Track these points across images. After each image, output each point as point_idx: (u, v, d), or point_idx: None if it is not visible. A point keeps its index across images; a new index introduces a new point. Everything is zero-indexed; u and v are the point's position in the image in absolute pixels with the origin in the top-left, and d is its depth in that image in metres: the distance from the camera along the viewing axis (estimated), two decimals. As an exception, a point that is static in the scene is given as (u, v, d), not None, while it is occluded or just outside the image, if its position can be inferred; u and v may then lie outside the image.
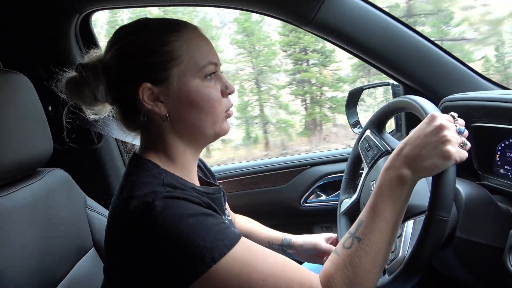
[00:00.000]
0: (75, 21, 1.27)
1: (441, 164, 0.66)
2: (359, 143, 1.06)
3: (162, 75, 0.71)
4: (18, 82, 0.89)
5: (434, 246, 0.67)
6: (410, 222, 0.81)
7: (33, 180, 0.91)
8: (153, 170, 0.71)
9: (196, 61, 0.73)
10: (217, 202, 0.81)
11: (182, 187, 0.70)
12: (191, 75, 0.72)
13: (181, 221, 0.61)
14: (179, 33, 0.73)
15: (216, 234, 0.62)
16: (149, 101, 0.72)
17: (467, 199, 0.81)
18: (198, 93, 0.73)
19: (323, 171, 1.61)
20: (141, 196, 0.64)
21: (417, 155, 0.67)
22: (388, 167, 0.69)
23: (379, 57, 1.26)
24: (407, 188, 0.67)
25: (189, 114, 0.73)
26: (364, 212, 0.69)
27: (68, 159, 1.10)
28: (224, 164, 1.74)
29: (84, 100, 0.78)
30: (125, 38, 0.74)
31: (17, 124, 0.84)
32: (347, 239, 0.67)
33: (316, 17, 1.18)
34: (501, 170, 0.98)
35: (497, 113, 0.94)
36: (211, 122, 0.75)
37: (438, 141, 0.66)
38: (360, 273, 0.63)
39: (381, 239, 0.65)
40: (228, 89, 0.77)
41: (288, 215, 1.62)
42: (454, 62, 1.24)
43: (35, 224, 0.84)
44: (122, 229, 0.66)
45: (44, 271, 0.82)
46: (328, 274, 0.65)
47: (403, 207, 0.68)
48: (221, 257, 0.61)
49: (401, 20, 1.23)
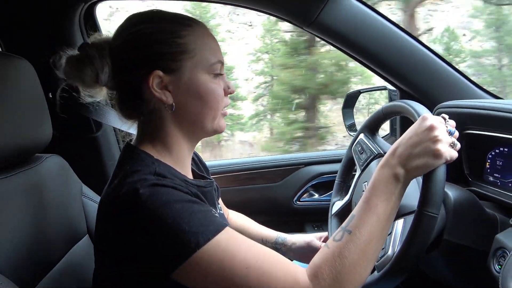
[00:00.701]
0: (79, 9, 1.28)
1: (433, 163, 0.68)
2: (353, 147, 1.08)
3: (174, 65, 0.73)
4: (20, 66, 0.89)
5: (423, 242, 0.68)
6: (400, 221, 0.83)
7: (30, 165, 0.91)
8: (146, 159, 0.72)
9: (207, 57, 0.75)
10: (208, 195, 0.82)
11: (172, 177, 0.71)
12: (201, 69, 0.75)
13: (167, 206, 0.62)
14: (192, 28, 0.75)
15: (201, 220, 0.63)
16: (157, 89, 0.73)
17: (456, 202, 0.83)
18: (206, 88, 0.75)
19: (317, 171, 1.63)
20: (130, 183, 0.65)
21: (409, 154, 0.69)
22: (383, 165, 0.71)
23: (378, 61, 1.28)
24: (400, 186, 0.69)
25: (194, 106, 0.75)
26: (357, 207, 0.70)
27: (66, 146, 1.11)
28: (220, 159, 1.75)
29: (83, 80, 0.76)
30: (141, 24, 0.74)
31: (17, 108, 0.85)
32: (338, 232, 0.68)
33: (317, 19, 1.20)
34: (490, 177, 1.00)
35: (489, 122, 0.96)
36: (212, 117, 0.77)
37: (429, 140, 0.68)
38: (348, 265, 0.63)
39: (371, 233, 0.66)
40: (230, 88, 0.80)
41: (281, 213, 1.63)
42: (451, 70, 1.26)
43: (31, 209, 0.85)
44: (110, 214, 0.67)
45: (38, 256, 0.83)
46: (315, 265, 0.65)
47: (395, 204, 0.69)
48: (205, 243, 0.61)
49: (401, 27, 1.25)
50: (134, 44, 0.73)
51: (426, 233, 0.68)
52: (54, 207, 0.92)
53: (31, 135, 0.89)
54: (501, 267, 0.77)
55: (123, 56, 0.74)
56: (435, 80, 1.26)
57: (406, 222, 0.82)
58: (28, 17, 1.23)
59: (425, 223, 0.68)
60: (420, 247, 0.69)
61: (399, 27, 1.24)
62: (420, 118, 0.72)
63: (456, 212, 0.82)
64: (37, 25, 1.24)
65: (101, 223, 0.70)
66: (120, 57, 0.75)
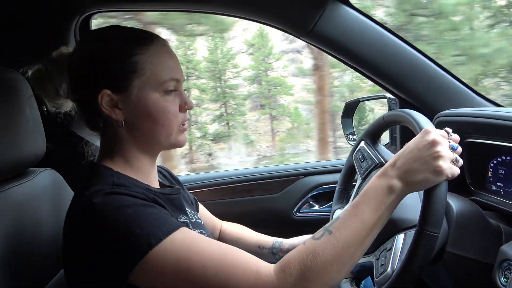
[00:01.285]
0: (75, 22, 1.27)
1: (433, 179, 0.67)
2: (354, 154, 1.06)
3: (122, 84, 0.74)
4: (14, 80, 0.88)
5: (423, 261, 0.67)
6: (400, 236, 0.81)
7: (24, 179, 0.90)
8: (105, 173, 0.74)
9: (158, 76, 0.75)
10: (175, 202, 0.83)
11: (132, 186, 0.72)
12: (151, 88, 0.75)
13: (119, 212, 0.63)
14: (147, 47, 0.76)
15: (153, 222, 0.64)
16: (107, 106, 0.74)
17: (458, 214, 0.81)
18: (155, 106, 0.75)
19: (317, 181, 1.61)
20: (86, 196, 0.66)
21: (409, 169, 0.67)
22: (380, 175, 0.70)
23: (376, 70, 1.27)
24: (393, 198, 0.67)
25: (145, 125, 0.76)
26: (344, 210, 0.69)
27: (60, 160, 1.10)
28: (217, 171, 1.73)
29: (46, 93, 0.81)
30: (95, 42, 0.77)
31: (11, 122, 0.84)
32: (319, 231, 0.67)
33: (314, 28, 1.20)
34: (493, 186, 0.99)
35: (491, 130, 0.95)
36: (166, 134, 0.78)
37: (430, 156, 0.67)
38: (319, 263, 0.61)
39: (352, 237, 0.64)
40: (186, 105, 0.80)
41: (281, 224, 1.61)
42: (450, 78, 1.25)
43: (25, 223, 0.84)
44: (69, 227, 0.69)
45: (33, 270, 0.82)
46: (286, 260, 0.64)
47: (384, 214, 0.67)
48: (157, 243, 0.61)
49: (399, 35, 1.24)
50: (87, 62, 0.76)
51: (427, 253, 0.66)
52: (48, 221, 0.91)
53: (24, 149, 0.88)
54: (507, 280, 0.75)
55: (77, 72, 0.77)
56: (435, 88, 1.25)
57: (406, 237, 0.81)
58: (23, 30, 1.23)
59: (426, 242, 0.66)
60: (420, 266, 0.67)
61: (396, 35, 1.24)
62: (422, 132, 0.70)
63: (459, 224, 0.81)
64: (32, 37, 1.24)
65: (64, 238, 0.71)
66: (75, 73, 0.77)
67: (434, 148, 0.67)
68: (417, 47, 1.25)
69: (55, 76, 0.79)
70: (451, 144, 0.70)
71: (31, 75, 0.81)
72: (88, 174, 0.75)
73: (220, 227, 1.16)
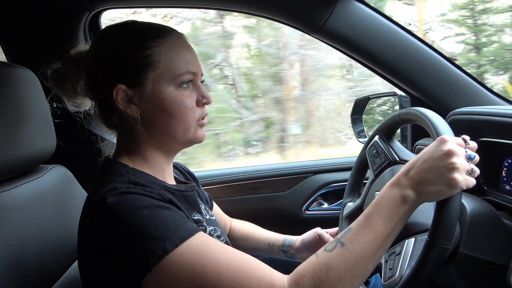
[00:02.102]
0: (84, 19, 1.28)
1: (447, 192, 0.64)
2: (367, 148, 1.05)
3: (137, 79, 0.73)
4: (25, 77, 0.89)
5: (431, 271, 0.65)
6: (411, 240, 0.80)
7: (34, 176, 0.91)
8: (121, 169, 0.73)
9: (173, 68, 0.74)
10: (190, 199, 0.83)
11: (149, 184, 0.71)
12: (165, 81, 0.74)
13: (134, 213, 0.62)
14: (162, 39, 0.75)
15: (169, 225, 0.62)
16: (122, 102, 0.74)
17: (472, 214, 0.80)
18: (171, 100, 0.74)
19: (326, 179, 1.60)
20: (101, 193, 0.65)
21: (423, 179, 0.65)
22: (392, 184, 0.68)
23: (387, 67, 1.25)
24: (407, 209, 0.65)
25: (161, 119, 0.75)
26: (356, 221, 0.67)
27: (71, 156, 1.10)
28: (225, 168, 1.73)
29: (64, 92, 0.81)
30: (108, 38, 0.76)
31: (22, 119, 0.85)
32: (331, 243, 0.65)
33: (325, 25, 1.18)
34: (507, 186, 0.97)
35: (505, 129, 0.93)
36: (183, 129, 0.76)
37: (445, 167, 0.64)
38: (333, 277, 0.60)
39: (365, 250, 0.63)
40: (204, 99, 0.78)
41: (289, 223, 1.60)
42: (463, 75, 1.23)
43: (35, 220, 0.84)
44: (83, 225, 0.68)
45: (42, 268, 0.82)
46: (298, 272, 0.62)
47: (397, 225, 0.65)
48: (173, 249, 0.60)
49: (410, 31, 1.22)
50: (101, 59, 0.76)
51: (436, 263, 0.65)
52: (58, 218, 0.92)
53: (34, 146, 0.88)
54: (521, 282, 0.73)
55: (93, 69, 0.77)
56: (447, 86, 1.23)
57: (416, 242, 0.79)
58: (32, 28, 1.24)
59: (436, 254, 0.65)
60: (429, 276, 0.66)
61: (408, 31, 1.22)
62: (438, 140, 0.67)
63: (473, 225, 0.79)
64: (42, 35, 1.24)
65: (79, 237, 0.70)
66: (91, 71, 0.77)
67: (450, 159, 0.64)
68: (428, 43, 1.23)
69: (73, 75, 0.79)
70: (468, 153, 0.67)
71: (50, 74, 0.81)
72: (104, 171, 0.74)
73: (230, 224, 1.16)
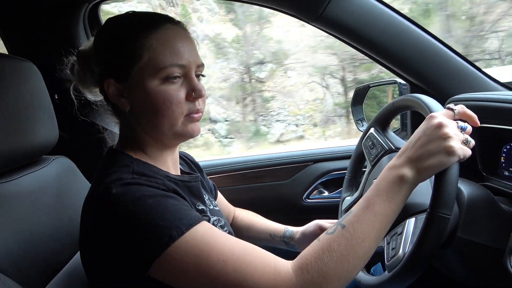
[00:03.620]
0: (83, 10, 1.28)
1: (445, 161, 0.65)
2: (363, 141, 1.06)
3: (123, 73, 0.74)
4: (26, 69, 0.89)
5: (434, 243, 0.66)
6: (411, 220, 0.81)
7: (38, 167, 0.92)
8: (125, 160, 0.73)
9: (157, 62, 0.71)
10: (193, 189, 0.83)
11: (152, 174, 0.72)
12: (148, 75, 0.72)
13: (139, 203, 0.62)
14: (154, 30, 0.72)
15: (174, 214, 0.63)
16: (114, 95, 0.75)
17: (470, 199, 0.81)
18: (154, 95, 0.72)
19: (326, 168, 1.61)
20: (106, 183, 0.66)
21: (420, 155, 0.66)
22: (390, 166, 0.69)
23: (387, 54, 1.25)
24: (406, 188, 0.66)
25: (148, 113, 0.74)
26: (356, 204, 0.68)
27: (73, 147, 1.11)
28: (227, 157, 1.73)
29: (85, 83, 0.83)
30: (104, 32, 0.78)
31: (24, 110, 0.85)
32: (332, 226, 0.66)
33: (324, 13, 1.18)
34: (505, 172, 0.97)
35: (504, 115, 0.93)
36: (168, 124, 0.74)
37: (439, 138, 0.65)
38: (335, 258, 0.61)
39: (365, 231, 0.63)
40: (194, 92, 0.75)
41: (290, 211, 1.62)
42: (462, 62, 1.22)
43: (39, 210, 0.85)
44: (88, 215, 0.69)
45: (46, 257, 0.83)
46: (302, 257, 0.63)
47: (397, 205, 0.66)
48: (179, 236, 0.61)
49: (410, 18, 1.22)
50: (97, 53, 0.77)
51: (438, 235, 0.66)
52: (62, 208, 0.93)
53: (37, 137, 0.89)
54: (518, 265, 0.74)
55: (94, 63, 0.79)
56: (447, 73, 1.23)
57: (417, 221, 0.80)
58: (32, 19, 1.24)
59: (437, 224, 0.65)
60: (432, 248, 0.66)
61: (408, 18, 1.21)
62: (427, 118, 0.69)
63: (470, 209, 0.80)
64: (42, 27, 1.24)
65: (82, 226, 0.71)
66: (93, 65, 0.79)
67: (442, 130, 0.65)
68: (429, 30, 1.22)
69: (82, 66, 0.81)
70: (459, 124, 0.68)
71: (70, 66, 0.85)
72: (108, 161, 0.75)
73: (234, 213, 1.17)
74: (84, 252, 0.71)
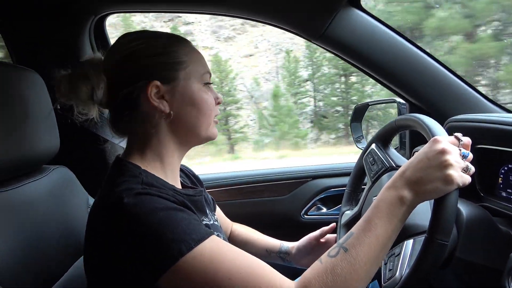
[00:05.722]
0: (90, 22, 1.30)
1: (443, 188, 0.66)
2: (364, 156, 1.06)
3: (170, 75, 0.77)
4: (30, 78, 0.90)
5: (431, 268, 0.66)
6: (410, 242, 0.81)
7: (37, 176, 0.92)
8: (134, 170, 0.74)
9: (198, 68, 0.81)
10: (198, 204, 0.84)
11: (160, 186, 0.72)
12: (194, 78, 0.80)
13: (151, 214, 0.63)
14: (183, 43, 0.81)
15: (185, 228, 0.63)
16: (155, 98, 0.76)
17: (468, 220, 0.81)
18: (200, 96, 0.80)
19: (325, 184, 1.61)
20: (116, 193, 0.66)
21: (419, 178, 0.67)
22: (389, 186, 0.69)
23: (387, 74, 1.27)
24: (405, 209, 0.67)
25: (189, 114, 0.79)
26: (357, 225, 0.68)
27: (74, 157, 1.11)
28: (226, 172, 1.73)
29: (79, 97, 0.77)
30: (136, 40, 0.79)
31: (26, 120, 0.86)
32: (334, 248, 0.67)
33: (326, 32, 1.20)
34: (503, 193, 0.98)
35: (502, 136, 0.94)
36: (206, 124, 0.82)
37: (440, 165, 0.66)
38: (339, 282, 0.62)
39: (368, 254, 0.64)
40: (218, 99, 0.85)
41: (288, 227, 1.61)
42: (461, 83, 1.24)
43: (38, 220, 0.85)
44: (97, 224, 0.68)
45: (45, 266, 0.82)
46: (305, 278, 0.64)
47: (397, 226, 0.67)
48: (188, 251, 0.61)
49: (410, 39, 1.24)
50: (132, 58, 0.77)
51: (435, 260, 0.66)
52: (60, 219, 0.92)
53: (38, 147, 0.89)
54: (516, 287, 0.74)
55: (120, 70, 0.78)
56: (445, 94, 1.25)
57: (415, 243, 0.80)
58: (38, 30, 1.25)
59: (435, 250, 0.66)
60: (428, 272, 0.67)
61: (408, 39, 1.24)
62: (431, 140, 0.70)
63: (469, 229, 0.80)
64: (48, 38, 1.26)
65: (89, 234, 0.71)
66: (117, 72, 0.78)
67: (444, 157, 0.66)
68: (428, 51, 1.25)
69: (93, 77, 0.76)
70: (462, 152, 0.69)
71: (61, 79, 0.78)
72: (116, 170, 0.75)
73: (231, 227, 1.17)
74: (89, 260, 0.71)
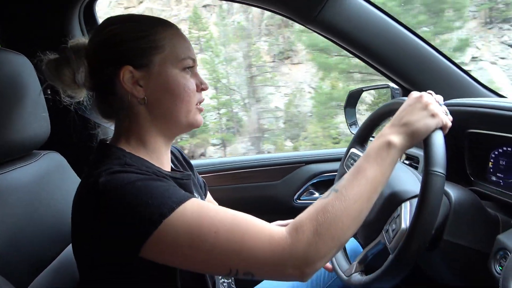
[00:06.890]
0: (79, 6, 1.27)
1: (431, 123, 0.72)
2: (345, 161, 1.07)
3: (144, 60, 0.76)
4: (18, 62, 0.89)
5: (436, 203, 0.68)
6: (406, 203, 0.84)
7: (28, 161, 0.91)
8: (117, 153, 0.74)
9: (177, 53, 0.78)
10: (185, 187, 0.83)
11: (143, 168, 0.72)
12: (170, 64, 0.77)
13: (128, 186, 0.63)
14: (165, 28, 0.79)
15: (163, 192, 0.64)
16: (128, 83, 0.76)
17: (457, 202, 0.82)
18: (176, 81, 0.77)
19: (318, 169, 1.62)
20: (95, 174, 0.66)
21: (407, 121, 0.73)
22: (377, 137, 0.74)
23: (380, 59, 1.26)
24: (393, 152, 0.71)
25: (166, 100, 0.78)
26: (348, 172, 0.71)
27: (65, 143, 1.11)
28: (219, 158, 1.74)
29: (62, 81, 0.80)
30: (113, 25, 0.78)
31: (15, 104, 0.85)
32: (326, 192, 0.69)
33: (319, 15, 1.19)
34: (493, 177, 0.99)
35: (493, 121, 0.95)
36: (185, 111, 0.79)
37: (423, 106, 0.73)
38: (330, 218, 0.63)
39: (358, 193, 0.67)
40: (202, 85, 0.83)
41: (281, 211, 1.62)
42: (454, 68, 1.24)
43: (28, 205, 0.85)
44: (78, 205, 0.69)
45: (35, 251, 0.83)
46: (297, 221, 0.65)
47: (387, 169, 0.70)
48: (170, 213, 0.62)
49: (404, 24, 1.23)
50: (107, 43, 0.77)
51: (437, 194, 0.68)
52: (52, 203, 0.92)
53: (28, 131, 0.88)
54: (502, 269, 0.76)
55: (97, 55, 0.78)
56: (438, 78, 1.25)
57: (411, 204, 0.83)
58: (27, 13, 1.23)
59: (434, 183, 0.68)
60: (435, 208, 0.68)
61: (401, 24, 1.23)
62: (409, 96, 0.77)
63: (457, 212, 0.81)
64: (37, 21, 1.24)
65: (73, 217, 0.71)
66: (95, 57, 0.78)
67: (423, 100, 0.74)
68: (421, 36, 1.24)
69: (73, 61, 0.79)
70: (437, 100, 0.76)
71: (47, 63, 0.81)
72: (99, 154, 0.75)
73: None
74: (76, 244, 0.72)
